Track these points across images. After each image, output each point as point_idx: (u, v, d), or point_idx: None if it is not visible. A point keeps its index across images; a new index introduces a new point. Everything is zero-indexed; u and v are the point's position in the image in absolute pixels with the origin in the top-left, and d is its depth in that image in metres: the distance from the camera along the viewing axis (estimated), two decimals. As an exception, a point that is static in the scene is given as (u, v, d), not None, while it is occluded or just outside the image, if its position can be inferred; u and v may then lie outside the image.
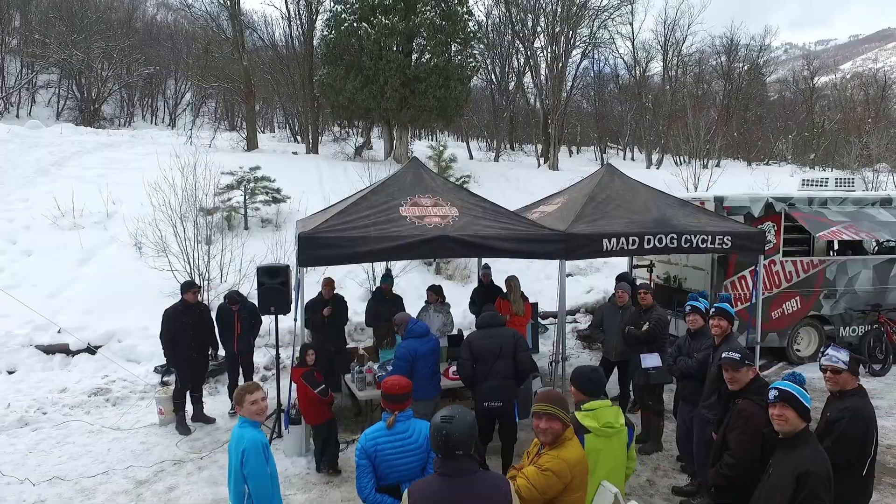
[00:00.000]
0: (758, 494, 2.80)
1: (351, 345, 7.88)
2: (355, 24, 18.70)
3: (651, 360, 5.38)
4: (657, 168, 31.06)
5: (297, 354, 5.39)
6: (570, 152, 41.55)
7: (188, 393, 6.18)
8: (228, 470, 3.16)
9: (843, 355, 3.36)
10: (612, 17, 28.78)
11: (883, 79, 46.35)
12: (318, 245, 5.19)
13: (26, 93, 36.68)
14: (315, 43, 22.60)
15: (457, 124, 29.70)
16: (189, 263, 9.90)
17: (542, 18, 27.64)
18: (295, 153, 23.06)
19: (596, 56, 34.58)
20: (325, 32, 20.27)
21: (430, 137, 40.87)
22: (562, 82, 26.39)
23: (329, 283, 6.67)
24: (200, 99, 42.75)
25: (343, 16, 18.93)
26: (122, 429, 6.10)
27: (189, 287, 6.22)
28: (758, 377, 3.45)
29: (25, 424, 6.13)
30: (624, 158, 44.11)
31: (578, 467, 2.56)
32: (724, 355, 3.39)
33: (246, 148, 22.62)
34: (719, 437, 3.39)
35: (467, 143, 32.67)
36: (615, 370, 6.40)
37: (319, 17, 22.92)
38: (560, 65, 25.57)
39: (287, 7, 23.18)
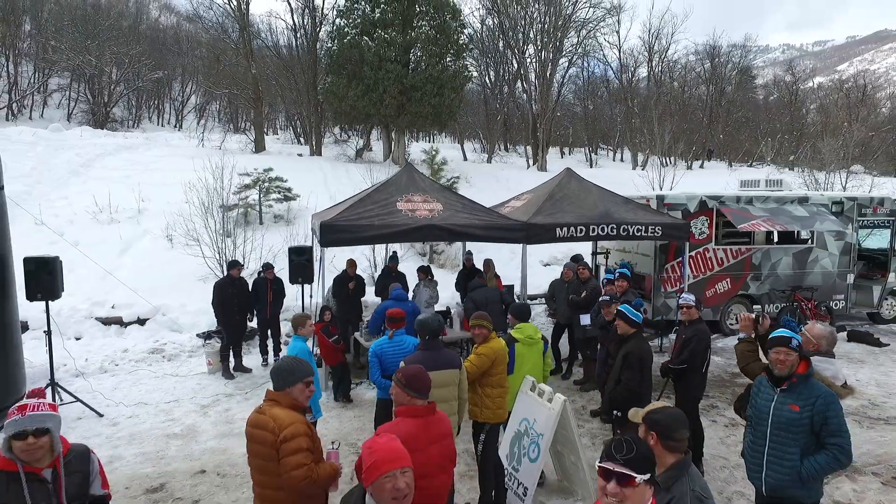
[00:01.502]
0: (608, 378, 4.53)
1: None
2: (357, 37, 20.40)
3: (587, 319, 7.09)
4: (643, 168, 32.76)
5: (317, 316, 7.10)
6: (562, 153, 43.21)
7: (231, 348, 7.87)
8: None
9: (692, 297, 5.16)
10: (597, 27, 30.49)
11: (863, 84, 48.23)
12: (335, 230, 6.89)
13: (39, 95, 38.32)
14: (319, 52, 24.28)
15: (451, 127, 31.33)
16: (218, 252, 11.62)
17: (532, 29, 29.35)
18: (300, 155, 24.71)
19: (585, 64, 36.25)
20: (329, 44, 21.95)
21: (425, 139, 42.58)
22: (549, 88, 28.09)
23: (352, 264, 8.42)
24: (206, 101, 44.50)
25: (346, 29, 20.61)
26: (179, 375, 7.79)
27: (234, 265, 7.94)
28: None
29: (104, 371, 7.83)
30: (613, 159, 45.85)
31: (500, 352, 4.27)
32: (599, 299, 5.11)
33: (254, 150, 24.26)
34: (603, 352, 5.11)
35: (462, 145, 34.33)
36: (566, 332, 8.10)
37: (323, 29, 24.61)
38: (548, 73, 27.27)
39: (293, 19, 24.82)
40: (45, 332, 6.52)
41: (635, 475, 1.74)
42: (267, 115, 34.09)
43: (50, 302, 6.38)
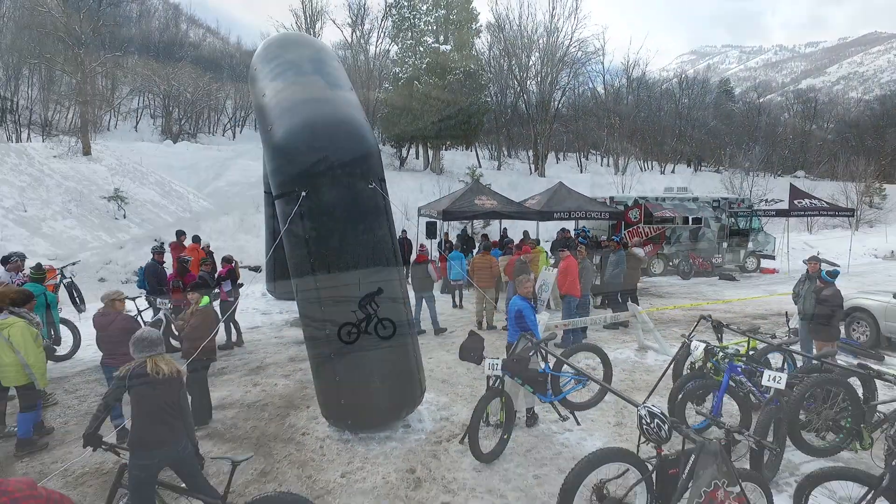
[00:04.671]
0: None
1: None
2: (408, 81, 28.06)
3: (569, 255, 14.80)
4: (622, 173, 40.50)
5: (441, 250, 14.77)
6: (557, 158, 50.86)
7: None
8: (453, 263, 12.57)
9: (613, 235, 12.96)
10: (584, 65, 38.26)
11: (814, 99, 56.26)
12: (451, 213, 14.49)
13: (114, 111, 45.62)
14: (374, 89, 31.92)
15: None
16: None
17: (531, 60, 37.03)
18: (357, 164, 32.32)
19: (577, 90, 43.92)
20: (387, 85, 29.63)
21: (444, 149, 50.10)
22: (547, 112, 35.86)
23: (446, 234, 16.07)
24: (247, 114, 51.89)
25: (400, 75, 28.29)
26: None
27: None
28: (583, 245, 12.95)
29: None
30: (601, 165, 53.60)
31: (539, 253, 11.95)
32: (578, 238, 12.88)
33: (322, 161, 31.84)
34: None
35: (476, 154, 41.97)
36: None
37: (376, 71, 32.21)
38: (546, 102, 35.02)
39: (355, 63, 32.46)
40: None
41: (566, 250, 9.51)
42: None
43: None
